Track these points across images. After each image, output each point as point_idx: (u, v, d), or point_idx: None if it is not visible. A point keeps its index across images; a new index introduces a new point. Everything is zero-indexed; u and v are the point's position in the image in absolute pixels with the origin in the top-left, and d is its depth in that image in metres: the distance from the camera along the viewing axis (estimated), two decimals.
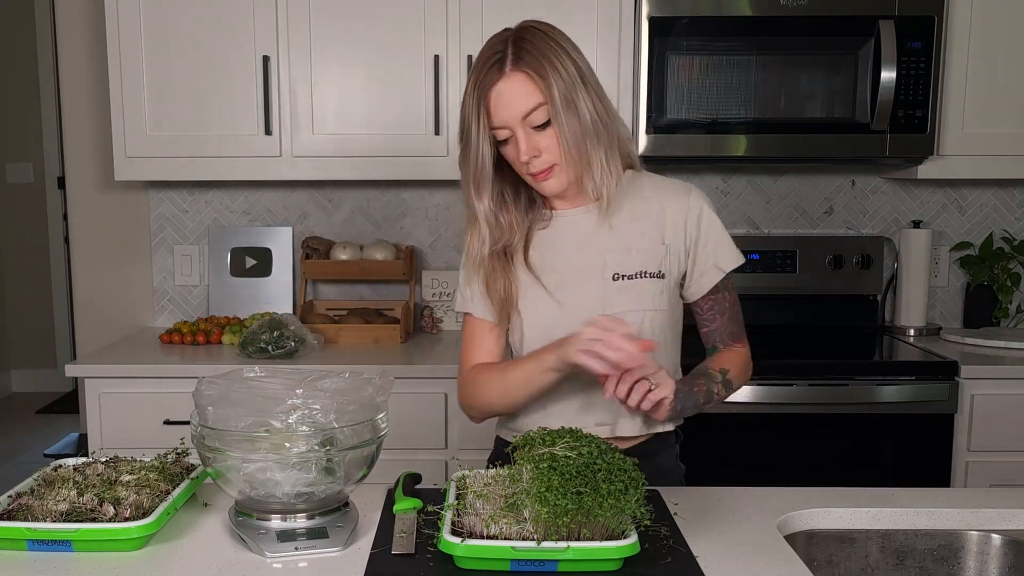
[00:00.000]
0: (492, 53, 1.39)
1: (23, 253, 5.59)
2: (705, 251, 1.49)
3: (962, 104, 2.52)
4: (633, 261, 1.46)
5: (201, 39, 2.52)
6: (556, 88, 1.35)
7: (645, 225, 1.48)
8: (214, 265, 2.91)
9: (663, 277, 1.47)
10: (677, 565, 1.15)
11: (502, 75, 1.37)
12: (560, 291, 1.48)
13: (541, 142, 1.38)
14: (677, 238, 1.48)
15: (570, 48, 1.41)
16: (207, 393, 1.22)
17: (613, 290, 1.46)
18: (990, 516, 1.37)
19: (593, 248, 1.48)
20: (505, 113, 1.37)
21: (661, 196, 1.49)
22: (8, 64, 5.42)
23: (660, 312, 1.48)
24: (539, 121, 1.37)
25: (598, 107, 1.40)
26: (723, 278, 1.50)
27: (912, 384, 2.35)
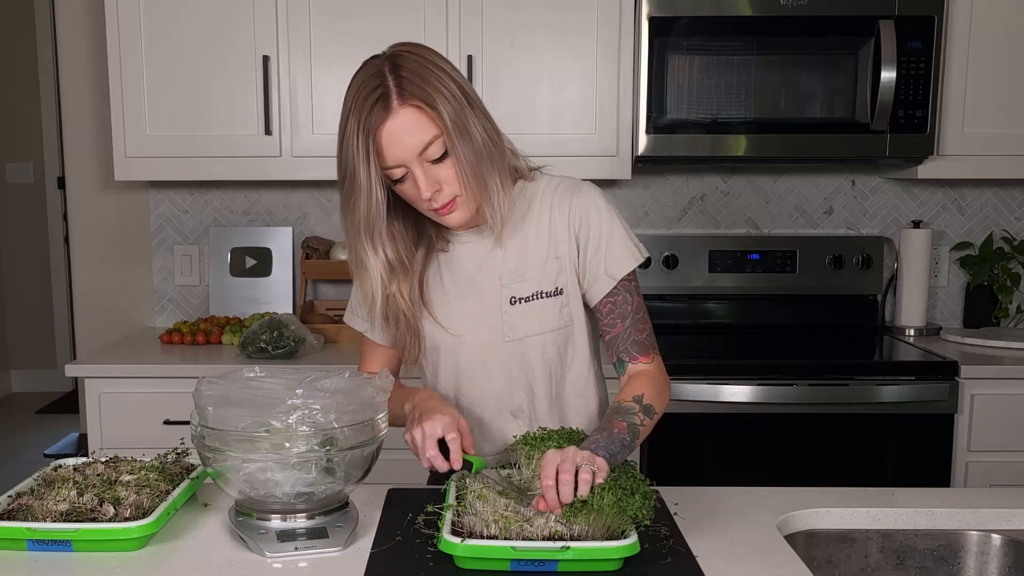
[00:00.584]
0: (371, 89, 1.26)
1: (23, 253, 5.59)
2: (595, 257, 1.41)
3: (962, 104, 2.52)
4: (528, 282, 1.41)
5: (201, 39, 2.52)
6: (447, 116, 1.26)
7: (537, 241, 1.42)
8: (214, 265, 2.91)
9: (561, 293, 1.42)
10: (677, 565, 1.15)
11: (389, 112, 1.25)
12: (458, 323, 1.43)
13: (440, 174, 1.29)
14: (569, 248, 1.42)
15: (448, 67, 1.31)
16: (207, 393, 1.22)
17: (512, 315, 1.41)
18: (990, 516, 1.37)
19: (488, 272, 1.42)
20: (399, 152, 1.27)
21: (549, 204, 1.42)
22: (8, 64, 5.42)
23: (563, 330, 1.43)
24: (436, 154, 1.28)
25: (487, 126, 1.32)
26: (619, 282, 1.41)
27: (912, 384, 2.35)
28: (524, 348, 1.43)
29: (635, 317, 1.42)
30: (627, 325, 1.42)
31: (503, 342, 1.43)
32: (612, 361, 1.45)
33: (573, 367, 1.47)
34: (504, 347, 1.43)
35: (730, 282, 2.82)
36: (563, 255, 1.42)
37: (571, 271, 1.43)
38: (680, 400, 2.31)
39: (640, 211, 2.90)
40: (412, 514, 1.29)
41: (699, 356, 2.59)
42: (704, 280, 2.82)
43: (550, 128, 2.54)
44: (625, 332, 1.42)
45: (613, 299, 1.42)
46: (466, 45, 2.50)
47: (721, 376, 2.34)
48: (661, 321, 2.82)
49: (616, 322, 1.42)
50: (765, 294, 2.83)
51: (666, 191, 2.90)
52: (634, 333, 1.42)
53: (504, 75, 2.52)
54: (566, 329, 1.44)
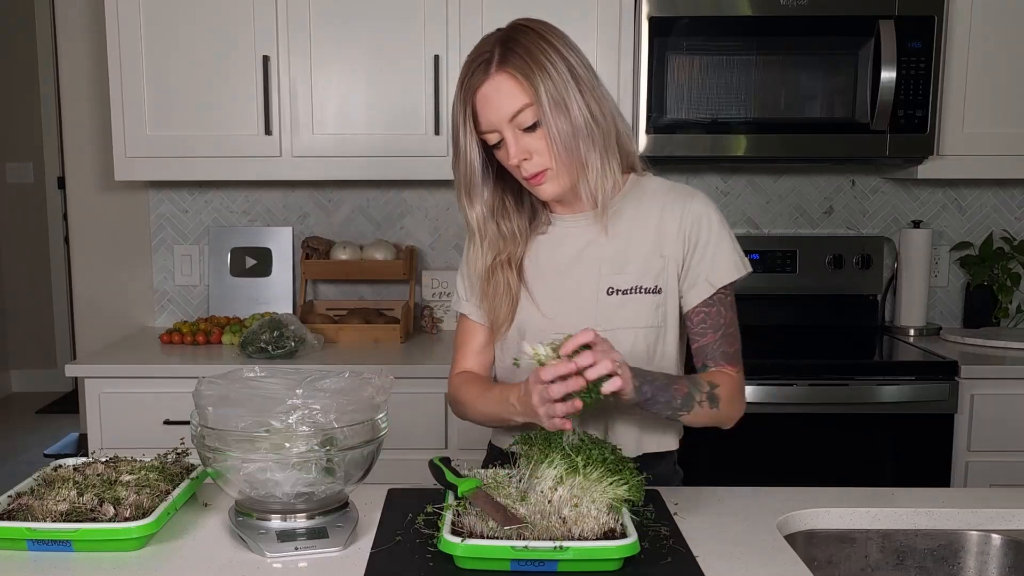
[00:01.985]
0: (480, 54, 1.34)
1: (23, 253, 5.60)
2: (700, 263, 1.41)
3: (962, 104, 2.53)
4: (629, 275, 1.41)
5: (201, 39, 2.52)
6: (543, 88, 1.30)
7: (643, 235, 1.42)
8: (214, 265, 2.91)
9: (659, 292, 1.42)
10: (677, 565, 1.15)
11: (487, 77, 1.32)
12: (551, 305, 1.44)
13: (531, 144, 1.33)
14: (675, 249, 1.42)
15: (563, 46, 1.34)
16: (207, 393, 1.22)
17: (607, 306, 1.41)
18: (990, 516, 1.37)
19: (589, 259, 1.43)
20: (492, 115, 1.33)
21: (661, 203, 1.43)
22: (8, 64, 5.42)
23: (655, 329, 1.43)
24: (527, 123, 1.32)
25: (592, 107, 1.33)
26: (716, 293, 1.41)
27: (912, 384, 2.35)
28: (614, 339, 1.37)
29: (727, 330, 1.43)
30: (718, 336, 1.43)
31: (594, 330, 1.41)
32: (696, 366, 1.46)
33: (661, 368, 1.45)
34: None
35: None
36: (668, 255, 1.42)
37: (673, 272, 1.42)
38: None
39: None
40: (412, 514, 1.29)
41: None
42: None
43: None
44: (715, 343, 1.43)
45: (708, 308, 1.42)
46: (466, 45, 2.49)
47: None
48: None
49: (707, 332, 1.43)
50: (765, 294, 2.82)
51: None
52: (724, 345, 1.43)
53: None
54: (659, 328, 1.43)
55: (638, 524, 1.18)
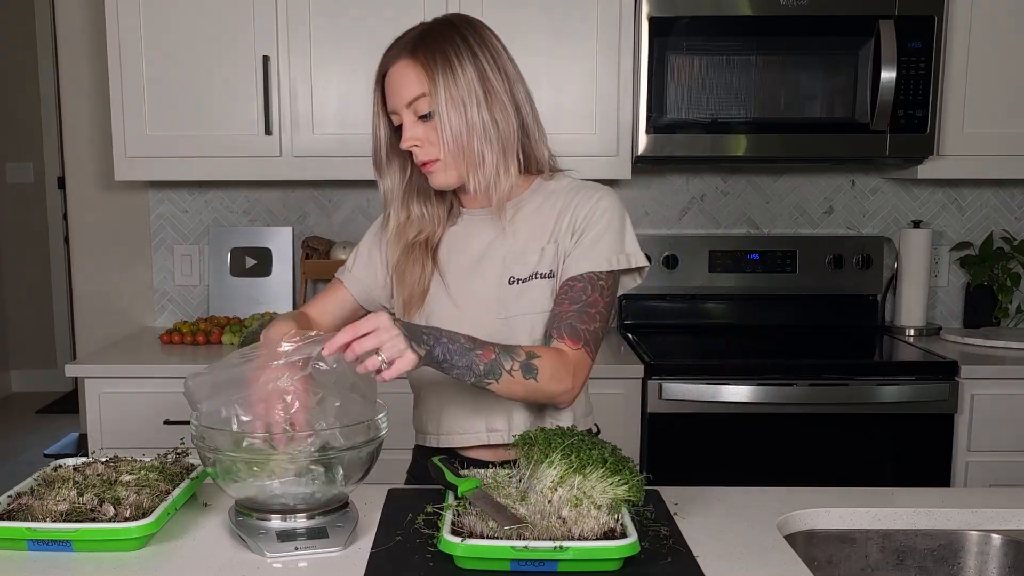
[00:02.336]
0: (401, 36, 1.42)
1: (23, 253, 5.60)
2: (577, 247, 1.42)
3: (962, 104, 2.53)
4: (528, 264, 1.45)
5: (201, 39, 2.52)
6: (442, 83, 1.35)
7: (543, 226, 1.46)
8: (214, 265, 2.91)
9: (552, 276, 1.44)
10: (677, 565, 1.15)
11: (396, 60, 1.39)
12: (458, 292, 1.48)
13: (425, 133, 1.39)
14: (566, 237, 1.44)
15: (480, 47, 1.39)
16: (195, 388, 1.22)
17: (509, 294, 1.45)
18: (990, 516, 1.37)
19: (493, 251, 1.47)
20: (392, 97, 1.40)
21: (564, 200, 1.46)
22: (8, 64, 5.42)
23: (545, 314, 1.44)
24: (422, 111, 1.38)
25: (495, 111, 1.38)
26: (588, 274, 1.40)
27: (912, 384, 2.35)
28: (513, 326, 1.44)
29: (586, 308, 1.39)
30: (573, 309, 1.39)
31: (496, 319, 1.45)
32: (544, 338, 1.43)
33: None
34: (495, 324, 1.44)
35: (730, 282, 2.82)
36: (560, 240, 1.45)
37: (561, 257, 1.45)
38: (680, 400, 2.31)
39: (640, 211, 2.90)
40: (412, 514, 1.29)
41: (699, 356, 2.59)
42: (704, 280, 2.82)
43: (550, 128, 2.48)
44: (567, 314, 1.39)
45: (573, 283, 1.41)
46: None
47: (721, 376, 2.34)
48: (661, 321, 2.84)
49: (564, 301, 1.40)
50: (765, 294, 2.83)
51: (666, 191, 2.91)
52: (575, 319, 1.39)
53: None
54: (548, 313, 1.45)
55: (638, 524, 1.18)
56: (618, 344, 2.65)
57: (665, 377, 2.32)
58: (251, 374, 1.22)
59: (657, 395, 2.32)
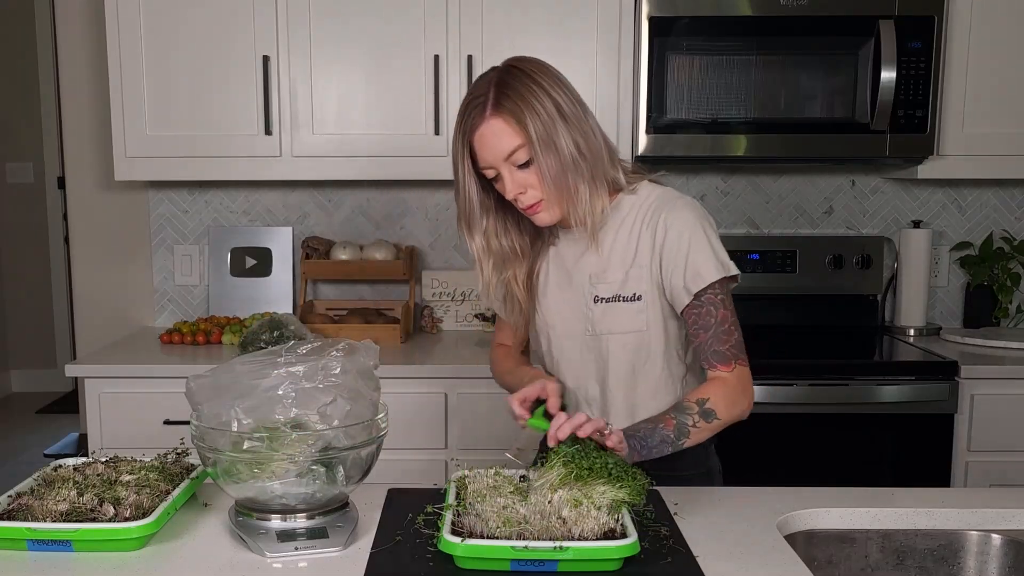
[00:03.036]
0: (475, 96, 1.44)
1: (23, 253, 5.59)
2: (675, 272, 1.47)
3: (962, 104, 2.52)
4: (611, 285, 1.51)
5: (201, 39, 2.52)
6: (533, 130, 1.40)
7: (624, 248, 1.51)
8: (214, 265, 2.91)
9: (639, 299, 1.50)
10: (677, 565, 1.15)
11: (483, 119, 1.42)
12: (551, 313, 1.58)
13: (526, 179, 1.43)
14: (651, 259, 1.49)
15: (550, 85, 1.44)
16: (197, 389, 1.22)
17: (595, 313, 1.52)
18: (990, 516, 1.37)
19: (582, 270, 1.54)
20: (488, 155, 1.43)
21: (642, 217, 1.50)
22: (8, 64, 5.42)
23: (639, 333, 1.51)
24: (521, 160, 1.42)
25: (579, 142, 1.43)
26: (702, 292, 1.46)
27: (912, 384, 2.35)
28: (602, 343, 1.53)
29: (719, 328, 1.47)
30: (709, 336, 1.48)
31: (585, 335, 1.54)
32: (702, 367, 1.53)
33: (647, 369, 1.53)
34: (585, 339, 1.54)
35: None
36: (644, 264, 1.50)
37: (651, 281, 1.50)
38: None
39: None
40: (412, 514, 1.29)
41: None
42: None
43: None
44: (707, 343, 1.48)
45: (697, 311, 1.48)
46: (466, 45, 2.50)
47: None
48: None
49: (699, 332, 1.48)
50: (765, 294, 2.82)
51: None
52: (715, 344, 1.48)
53: None
54: (641, 333, 1.51)
55: (638, 524, 1.18)
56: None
57: None
58: None
59: None
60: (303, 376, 1.20)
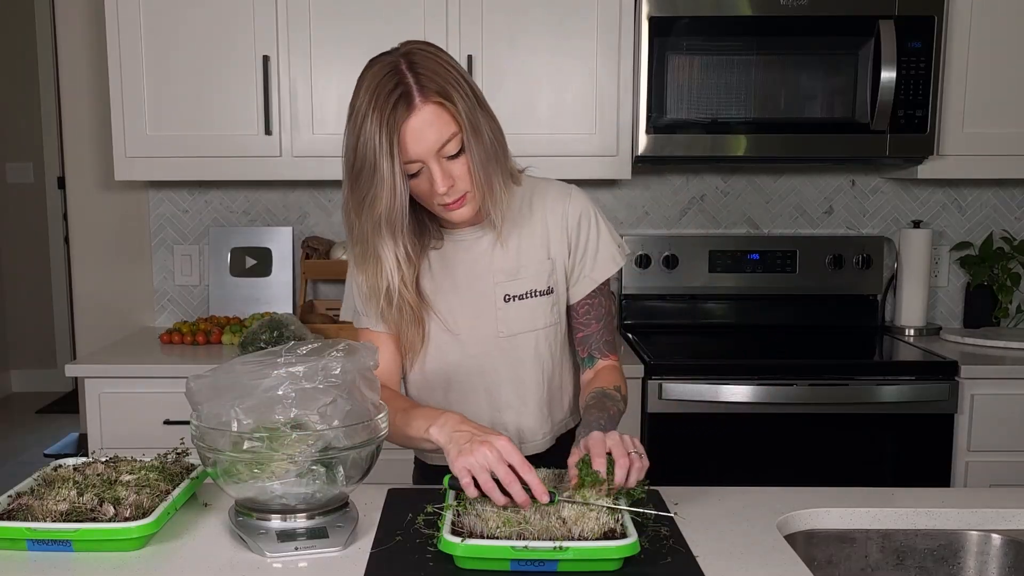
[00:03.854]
0: (391, 86, 1.28)
1: (23, 253, 5.59)
2: (582, 261, 1.48)
3: (962, 104, 2.52)
4: (523, 280, 1.46)
5: (201, 39, 2.52)
6: (464, 114, 1.30)
7: (532, 241, 1.47)
8: (214, 265, 2.91)
9: (552, 292, 1.48)
10: (677, 565, 1.15)
11: (412, 109, 1.28)
12: (453, 319, 1.47)
13: (454, 171, 1.33)
14: (560, 250, 1.48)
15: (458, 67, 1.34)
16: (197, 389, 1.22)
17: (507, 312, 1.46)
18: (990, 516, 1.37)
19: (485, 270, 1.46)
20: (419, 148, 1.29)
21: (541, 206, 1.47)
22: (8, 64, 5.42)
23: (552, 327, 1.49)
24: (453, 151, 1.31)
25: (493, 127, 1.36)
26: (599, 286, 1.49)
27: (912, 384, 2.35)
28: (516, 344, 1.48)
29: (607, 319, 1.52)
30: (600, 326, 1.51)
31: (496, 338, 1.47)
32: (581, 356, 1.54)
33: (562, 362, 1.54)
34: (497, 343, 1.48)
35: (730, 282, 2.82)
36: (555, 256, 1.48)
37: (561, 271, 1.49)
38: (680, 400, 2.31)
39: (640, 211, 2.90)
40: (412, 514, 1.29)
41: (699, 356, 2.59)
42: (704, 280, 2.82)
43: (550, 128, 2.54)
44: (598, 332, 1.51)
45: (591, 300, 1.50)
46: (466, 45, 2.50)
47: (721, 376, 2.34)
48: (661, 321, 2.84)
49: (591, 322, 1.50)
50: (765, 294, 2.83)
51: (666, 191, 2.91)
52: (605, 334, 1.51)
53: (504, 75, 2.52)
54: (555, 327, 1.50)
55: (638, 524, 1.18)
56: (618, 344, 2.65)
57: (665, 377, 2.33)
58: None
59: (657, 395, 2.32)
60: (303, 376, 1.20)
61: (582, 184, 1.60)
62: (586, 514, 1.16)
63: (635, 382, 2.34)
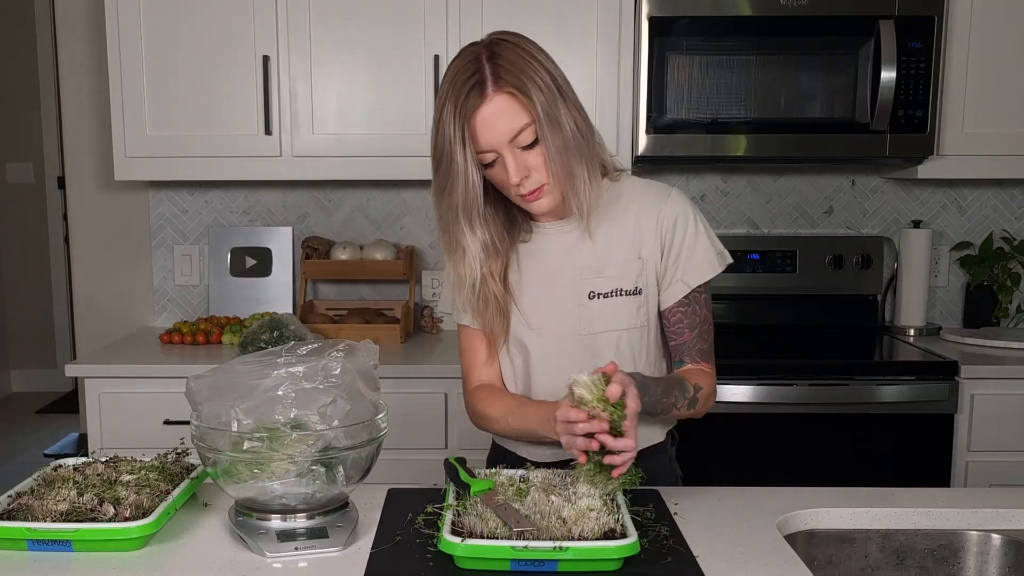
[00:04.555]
0: (468, 75, 1.30)
1: (23, 253, 5.59)
2: (675, 264, 1.43)
3: (962, 104, 2.52)
4: (609, 279, 1.43)
5: (201, 39, 2.52)
6: (539, 105, 1.30)
7: (621, 239, 1.44)
8: (214, 265, 2.91)
9: (639, 293, 1.44)
10: (677, 565, 1.15)
11: (484, 98, 1.29)
12: (536, 314, 1.46)
13: (530, 161, 1.33)
14: (653, 251, 1.44)
15: (544, 59, 1.34)
16: (197, 389, 1.22)
17: (590, 310, 1.43)
18: (990, 516, 1.37)
19: (570, 266, 1.44)
20: (492, 137, 1.31)
21: (637, 205, 1.44)
22: (8, 64, 5.42)
23: (637, 329, 1.45)
24: (527, 141, 1.32)
25: (577, 119, 1.35)
26: (692, 292, 1.44)
27: (912, 384, 2.35)
28: (597, 343, 1.44)
29: (702, 328, 1.46)
30: (694, 335, 1.45)
31: (578, 335, 1.44)
32: (673, 360, 1.50)
33: (644, 368, 1.47)
34: (578, 340, 1.45)
35: (730, 282, 2.82)
36: (646, 256, 1.44)
37: (652, 273, 1.44)
38: None
39: None
40: (412, 514, 1.29)
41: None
42: None
43: None
44: (692, 341, 1.45)
45: (684, 308, 1.44)
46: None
47: (721, 376, 2.29)
48: None
49: (684, 330, 1.45)
50: (765, 294, 2.82)
51: None
52: (700, 343, 1.46)
53: None
54: (641, 329, 1.45)
55: (638, 524, 1.18)
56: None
57: None
58: None
59: None
60: (303, 376, 1.20)
61: None
62: (586, 514, 1.16)
63: None
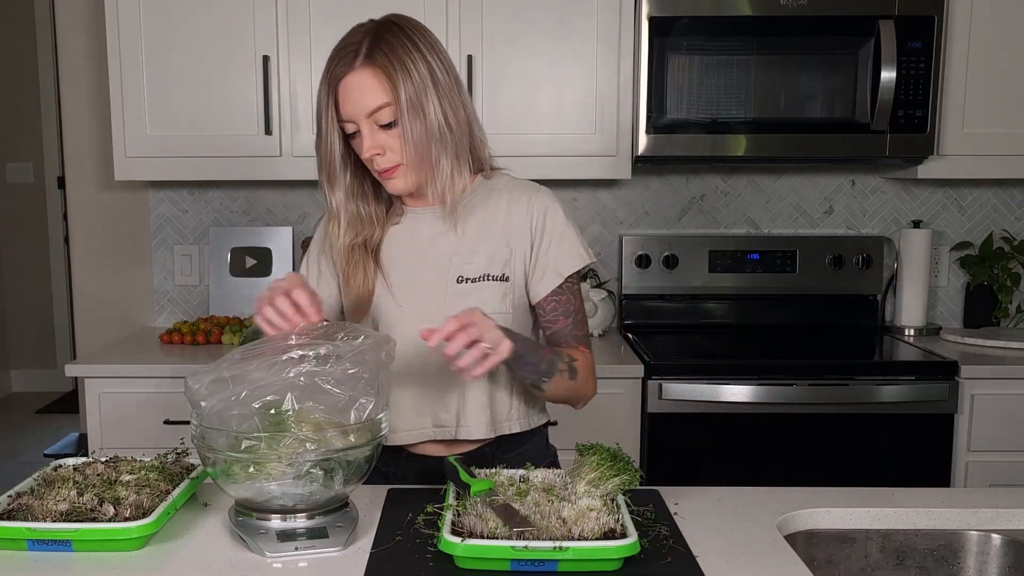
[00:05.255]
0: (348, 44, 1.37)
1: (23, 253, 5.59)
2: (547, 254, 1.46)
3: (962, 104, 2.52)
4: (478, 264, 1.46)
5: (201, 39, 2.52)
6: (403, 90, 1.34)
7: (491, 229, 1.47)
8: (214, 265, 2.91)
9: (507, 280, 1.46)
10: (677, 565, 1.15)
11: (351, 69, 1.35)
12: (403, 292, 1.48)
13: (386, 141, 1.38)
14: (522, 241, 1.47)
15: (427, 49, 1.38)
16: (197, 387, 1.22)
17: (456, 294, 1.45)
18: (990, 516, 1.37)
19: (440, 251, 1.47)
20: (351, 108, 1.37)
21: (508, 197, 1.48)
22: (8, 64, 5.42)
23: (503, 315, 1.45)
24: (385, 120, 1.36)
25: (447, 113, 1.38)
26: (565, 281, 1.47)
27: (912, 384, 2.35)
28: None
29: (576, 316, 1.49)
30: (569, 322, 1.49)
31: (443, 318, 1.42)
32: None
33: None
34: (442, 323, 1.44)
35: (730, 282, 2.82)
36: (515, 245, 1.47)
37: (520, 262, 1.48)
38: (680, 400, 2.31)
39: (640, 211, 2.90)
40: (412, 514, 1.29)
41: (699, 356, 2.59)
42: (704, 280, 2.82)
43: (550, 128, 2.54)
44: (568, 327, 1.49)
45: (558, 297, 1.48)
46: (466, 45, 2.50)
47: (721, 376, 2.34)
48: (661, 321, 2.84)
49: (559, 318, 1.48)
50: (765, 294, 2.83)
51: (666, 191, 2.90)
52: (575, 329, 1.49)
53: (504, 75, 2.52)
54: (506, 316, 1.47)
55: (638, 524, 1.18)
56: (618, 344, 2.65)
57: (665, 377, 2.33)
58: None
59: (657, 395, 2.32)
60: (306, 372, 1.20)
61: (582, 184, 1.60)
62: (586, 514, 1.16)
63: (635, 382, 2.34)
